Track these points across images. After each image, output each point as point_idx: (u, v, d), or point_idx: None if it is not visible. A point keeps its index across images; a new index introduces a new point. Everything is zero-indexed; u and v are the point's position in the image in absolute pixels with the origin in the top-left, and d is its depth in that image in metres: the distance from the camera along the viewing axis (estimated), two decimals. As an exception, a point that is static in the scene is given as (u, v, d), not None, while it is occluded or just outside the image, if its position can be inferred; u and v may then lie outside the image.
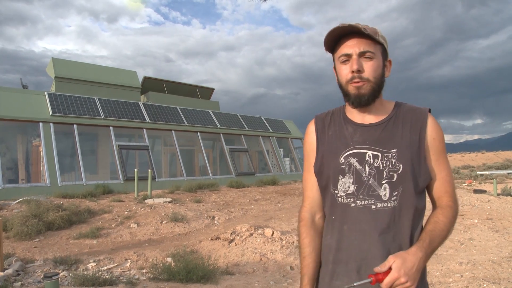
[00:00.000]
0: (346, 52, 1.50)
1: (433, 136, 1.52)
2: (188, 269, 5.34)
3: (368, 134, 1.54)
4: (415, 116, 1.55)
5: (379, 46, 1.52)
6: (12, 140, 15.79)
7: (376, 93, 1.52)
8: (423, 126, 1.52)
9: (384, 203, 1.47)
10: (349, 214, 1.51)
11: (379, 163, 1.49)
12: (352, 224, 1.50)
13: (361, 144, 1.53)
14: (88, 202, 11.00)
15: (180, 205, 10.90)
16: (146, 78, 21.56)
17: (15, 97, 14.39)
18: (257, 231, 7.53)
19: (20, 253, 6.72)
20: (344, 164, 1.53)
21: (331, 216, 1.58)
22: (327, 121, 1.68)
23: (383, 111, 1.58)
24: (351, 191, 1.51)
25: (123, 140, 18.24)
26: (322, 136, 1.66)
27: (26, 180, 15.51)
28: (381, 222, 1.45)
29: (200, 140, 19.27)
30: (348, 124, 1.60)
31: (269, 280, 5.47)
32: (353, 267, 1.47)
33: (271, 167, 22.05)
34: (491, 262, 5.91)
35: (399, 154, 1.48)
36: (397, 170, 1.47)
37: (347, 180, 1.52)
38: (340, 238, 1.53)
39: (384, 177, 1.47)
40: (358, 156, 1.52)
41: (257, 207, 11.58)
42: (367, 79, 1.49)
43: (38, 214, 8.22)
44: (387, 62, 1.58)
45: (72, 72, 17.74)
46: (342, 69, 1.53)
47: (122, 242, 7.82)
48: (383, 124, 1.55)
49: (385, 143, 1.51)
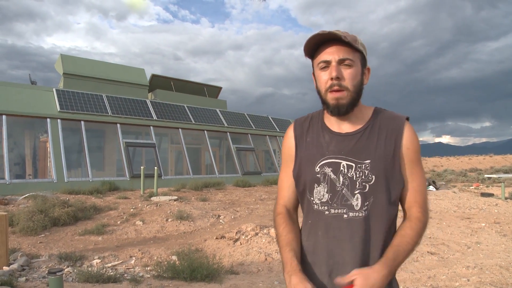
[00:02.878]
0: (326, 59, 1.51)
1: (407, 145, 1.54)
2: (192, 268, 5.33)
3: (343, 144, 1.57)
4: (391, 125, 1.56)
5: (358, 54, 1.53)
6: (20, 135, 15.86)
7: (355, 102, 1.54)
8: (399, 136, 1.54)
9: (355, 212, 1.50)
10: (323, 221, 1.55)
11: (353, 174, 1.52)
12: (326, 231, 1.54)
13: (336, 154, 1.56)
14: (94, 198, 11.03)
15: (186, 203, 10.90)
16: (154, 76, 21.59)
17: (23, 93, 14.45)
18: (262, 231, 7.50)
19: (26, 248, 6.74)
20: (320, 173, 1.57)
21: (308, 220, 1.63)
22: (306, 126, 1.71)
23: (361, 119, 1.60)
24: (325, 199, 1.55)
25: (130, 137, 18.26)
26: (301, 142, 1.69)
27: (33, 176, 15.58)
28: (352, 231, 1.49)
29: (207, 139, 19.27)
30: (325, 131, 1.63)
31: (274, 280, 5.45)
32: (325, 270, 1.52)
33: (277, 166, 22.00)
34: (499, 266, 5.84)
35: (372, 165, 1.50)
36: (369, 181, 1.50)
37: (322, 188, 1.56)
38: (315, 242, 1.58)
39: (357, 187, 1.50)
40: (333, 166, 1.55)
41: (263, 206, 11.56)
42: (346, 87, 1.50)
43: (44, 209, 8.24)
44: (366, 69, 1.59)
45: (81, 68, 17.80)
46: (321, 76, 1.55)
47: (127, 239, 7.82)
48: (358, 134, 1.57)
49: (359, 153, 1.53)
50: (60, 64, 17.49)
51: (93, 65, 18.59)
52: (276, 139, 23.00)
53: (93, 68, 18.33)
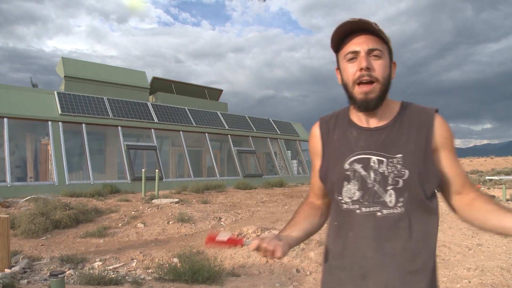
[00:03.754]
0: (354, 50, 1.44)
1: (444, 135, 1.46)
2: (194, 270, 5.33)
3: (372, 138, 1.49)
4: (421, 118, 1.49)
5: (386, 45, 1.46)
6: (21, 138, 15.90)
7: (384, 95, 1.47)
8: (430, 128, 1.46)
9: (390, 209, 1.42)
10: (354, 221, 1.47)
11: (384, 169, 1.43)
12: (357, 231, 1.46)
13: (366, 149, 1.48)
14: (95, 201, 11.03)
15: (187, 206, 10.90)
16: (155, 79, 21.64)
17: (24, 96, 14.50)
18: (263, 233, 7.51)
19: (27, 251, 6.75)
20: (349, 170, 1.49)
21: (334, 222, 1.56)
22: (332, 124, 1.64)
23: (389, 113, 1.52)
24: (356, 197, 1.47)
25: (131, 140, 18.29)
26: (327, 141, 1.62)
27: (35, 178, 15.60)
28: (387, 229, 1.41)
29: (208, 141, 19.29)
30: (353, 127, 1.56)
31: (275, 283, 5.45)
32: (359, 274, 1.43)
33: (278, 169, 22.02)
34: (500, 268, 5.84)
35: (404, 159, 1.42)
36: (402, 175, 1.41)
37: (352, 186, 1.48)
38: (345, 245, 1.49)
39: (390, 183, 1.42)
40: (363, 162, 1.47)
41: (264, 209, 11.56)
42: (376, 78, 1.42)
43: (45, 212, 8.25)
44: (392, 63, 1.52)
45: (82, 71, 17.85)
46: (348, 68, 1.46)
47: (128, 241, 7.83)
48: (388, 127, 1.49)
49: (390, 147, 1.45)
50: (61, 67, 17.55)
51: (94, 68, 18.64)
52: (277, 142, 23.00)
53: (94, 71, 18.38)
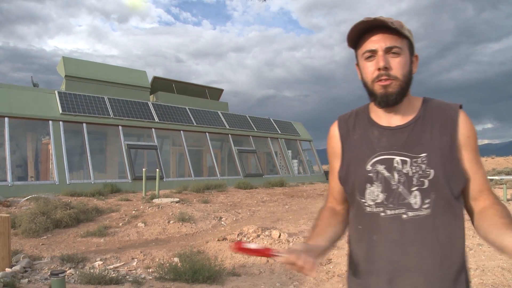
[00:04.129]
0: (371, 48, 1.40)
1: (467, 134, 1.41)
2: (194, 270, 5.33)
3: (394, 138, 1.44)
4: (445, 115, 1.43)
5: (405, 40, 1.41)
6: (22, 137, 15.91)
7: (404, 92, 1.42)
8: (454, 125, 1.41)
9: (415, 211, 1.36)
10: (379, 224, 1.41)
11: (408, 169, 1.38)
12: (382, 235, 1.41)
13: (388, 149, 1.43)
14: (96, 200, 11.04)
15: (188, 205, 10.91)
16: (156, 78, 21.64)
17: (25, 95, 14.50)
18: (264, 233, 7.51)
19: (28, 250, 6.75)
20: (372, 171, 1.44)
21: (358, 225, 1.50)
22: (351, 123, 1.58)
23: (411, 110, 1.47)
24: (380, 200, 1.41)
25: (132, 139, 18.30)
26: (347, 141, 1.56)
27: (35, 178, 15.60)
28: (413, 232, 1.36)
29: (209, 141, 19.29)
30: (374, 127, 1.50)
31: (276, 282, 5.45)
32: (385, 279, 1.39)
33: (279, 168, 22.01)
34: (501, 268, 5.83)
35: (429, 159, 1.37)
36: (427, 175, 1.36)
37: (376, 188, 1.43)
38: (370, 249, 1.44)
39: (414, 184, 1.37)
40: (386, 163, 1.42)
41: (265, 208, 11.56)
42: (395, 77, 1.38)
43: (46, 211, 8.26)
44: (414, 57, 1.47)
45: (82, 71, 17.85)
46: (366, 66, 1.43)
47: (129, 241, 7.83)
48: (410, 126, 1.44)
49: (414, 147, 1.40)
50: (62, 67, 17.55)
51: (95, 68, 18.64)
52: (278, 141, 22.99)
53: (95, 70, 18.38)
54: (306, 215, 9.75)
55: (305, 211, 10.74)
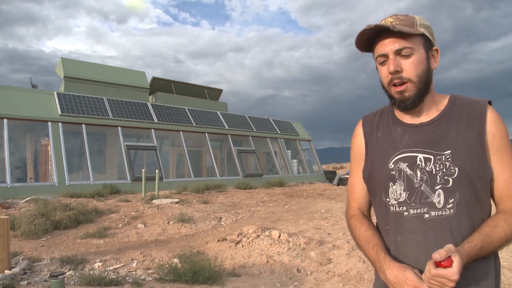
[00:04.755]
0: (382, 53, 1.39)
1: (493, 132, 1.36)
2: (194, 270, 5.32)
3: (418, 135, 1.42)
4: (472, 111, 1.39)
5: (419, 37, 1.38)
6: (21, 139, 15.88)
7: (423, 92, 1.39)
8: (482, 121, 1.36)
9: (438, 211, 1.34)
10: (403, 224, 1.40)
11: (432, 167, 1.36)
12: (406, 235, 1.39)
13: (411, 147, 1.41)
14: (95, 201, 11.03)
15: (187, 206, 10.90)
16: (155, 79, 21.61)
17: (24, 97, 14.48)
18: (264, 233, 7.50)
19: (27, 252, 6.73)
20: (394, 170, 1.42)
21: (386, 226, 1.47)
22: (375, 122, 1.57)
23: (435, 107, 1.45)
24: (403, 198, 1.39)
25: (131, 140, 18.29)
26: (371, 139, 1.55)
27: (34, 179, 15.58)
28: (437, 232, 1.33)
29: (208, 141, 19.28)
30: (397, 124, 1.49)
31: (276, 282, 5.44)
32: None
33: (278, 168, 22.00)
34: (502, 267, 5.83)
35: (453, 156, 1.34)
36: (452, 174, 1.33)
37: (398, 187, 1.41)
38: (396, 250, 1.42)
39: (438, 182, 1.34)
40: (409, 161, 1.40)
41: (264, 208, 11.55)
42: (408, 79, 1.36)
43: (45, 213, 8.24)
44: (433, 51, 1.42)
45: (81, 72, 17.82)
46: (381, 70, 1.43)
47: (128, 242, 7.82)
48: (435, 122, 1.41)
49: (438, 144, 1.37)
50: (61, 68, 17.52)
51: (94, 68, 18.61)
52: (277, 141, 22.98)
53: (93, 71, 18.35)
54: (306, 215, 9.74)
55: (304, 211, 10.73)
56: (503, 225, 1.30)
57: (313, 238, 7.12)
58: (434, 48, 1.42)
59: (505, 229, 1.29)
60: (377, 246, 1.43)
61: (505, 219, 1.31)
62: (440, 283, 1.18)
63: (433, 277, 1.19)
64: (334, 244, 6.69)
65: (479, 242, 1.26)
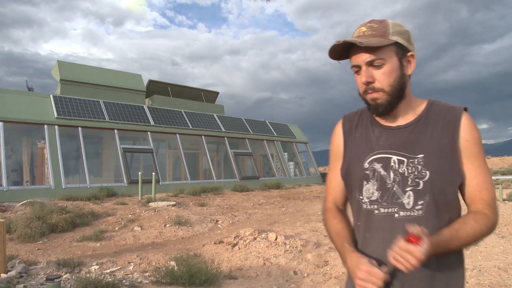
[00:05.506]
0: (355, 63, 1.44)
1: (466, 137, 1.40)
2: (191, 273, 5.32)
3: (394, 137, 1.46)
4: (447, 116, 1.43)
5: (391, 46, 1.40)
6: (17, 142, 15.84)
7: (396, 100, 1.43)
8: (456, 127, 1.40)
9: (407, 211, 1.38)
10: (372, 222, 1.45)
11: (404, 169, 1.40)
12: (374, 232, 1.44)
13: (387, 148, 1.46)
14: (92, 204, 11.00)
15: (184, 209, 10.89)
16: (151, 82, 21.61)
17: (20, 100, 14.46)
18: (260, 235, 7.50)
19: (24, 255, 6.72)
20: (369, 169, 1.47)
21: (357, 222, 1.53)
22: (355, 121, 1.61)
23: (413, 112, 1.49)
24: (375, 197, 1.44)
25: (128, 143, 18.27)
26: (349, 138, 1.60)
27: (31, 182, 15.54)
28: (403, 232, 1.32)
29: (205, 144, 19.28)
30: (375, 126, 1.53)
31: (272, 285, 5.44)
32: None
33: (275, 171, 22.02)
34: (497, 268, 5.85)
35: (426, 160, 1.38)
36: (423, 177, 1.37)
37: (371, 186, 1.46)
38: (363, 245, 1.47)
39: (409, 184, 1.38)
40: (383, 161, 1.45)
41: (261, 211, 11.56)
42: (380, 88, 1.41)
43: (42, 216, 8.23)
44: (407, 58, 1.44)
45: (78, 75, 17.81)
46: (357, 79, 1.47)
47: (125, 245, 7.81)
48: (410, 126, 1.46)
49: (412, 147, 1.42)
50: (57, 71, 17.51)
51: (90, 71, 18.60)
52: (274, 144, 23.01)
53: (90, 74, 18.34)
54: (302, 217, 9.76)
55: (301, 213, 10.74)
56: (472, 223, 1.35)
57: (310, 240, 7.13)
58: (409, 54, 1.45)
59: (474, 227, 1.34)
60: (344, 238, 1.50)
61: (475, 218, 1.36)
62: (405, 258, 1.21)
63: (400, 250, 1.23)
64: (330, 246, 6.71)
65: (447, 235, 1.30)
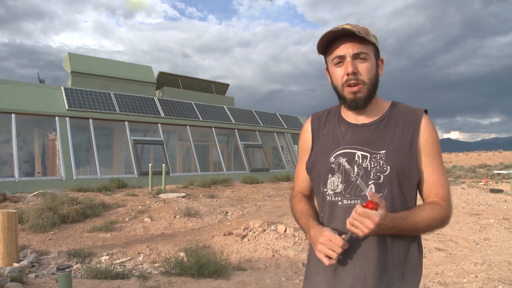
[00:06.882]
0: (340, 54, 1.51)
1: (426, 138, 1.51)
2: (200, 264, 5.35)
3: (359, 134, 1.56)
4: (409, 117, 1.54)
5: (371, 46, 1.52)
6: (29, 134, 15.99)
7: (372, 94, 1.54)
8: (416, 128, 1.52)
9: None
10: (336, 213, 1.53)
11: (367, 164, 1.50)
12: (337, 223, 1.51)
13: (352, 144, 1.55)
14: (102, 196, 11.10)
15: (194, 200, 10.93)
16: (162, 74, 21.63)
17: (32, 92, 14.56)
18: (270, 227, 7.51)
19: (35, 245, 6.80)
20: (334, 163, 1.56)
21: (321, 213, 1.62)
22: (323, 119, 1.71)
23: (378, 111, 1.59)
24: (339, 190, 1.53)
25: (138, 135, 18.35)
26: (317, 135, 1.70)
27: (42, 174, 15.70)
28: None
29: (215, 136, 19.29)
30: (342, 123, 1.63)
31: (281, 277, 5.45)
32: (332, 266, 1.48)
33: (285, 163, 21.99)
34: (507, 263, 5.81)
35: (387, 156, 1.48)
36: (384, 171, 1.47)
37: (336, 179, 1.54)
38: None
39: (371, 178, 1.48)
40: (348, 156, 1.54)
41: (271, 203, 11.56)
42: (362, 81, 1.50)
43: (53, 207, 8.31)
44: (380, 61, 1.59)
45: (88, 67, 17.88)
46: (336, 71, 1.54)
47: (135, 236, 7.87)
48: (374, 124, 1.56)
49: (375, 144, 1.52)
50: (68, 63, 17.59)
51: (101, 63, 18.66)
52: (284, 136, 22.96)
53: (101, 66, 18.40)
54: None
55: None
56: (428, 210, 1.45)
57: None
58: (380, 58, 1.59)
59: (429, 213, 1.44)
60: (310, 215, 1.63)
61: (430, 206, 1.47)
62: (362, 223, 1.32)
63: (358, 215, 1.33)
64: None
65: (404, 215, 1.41)
